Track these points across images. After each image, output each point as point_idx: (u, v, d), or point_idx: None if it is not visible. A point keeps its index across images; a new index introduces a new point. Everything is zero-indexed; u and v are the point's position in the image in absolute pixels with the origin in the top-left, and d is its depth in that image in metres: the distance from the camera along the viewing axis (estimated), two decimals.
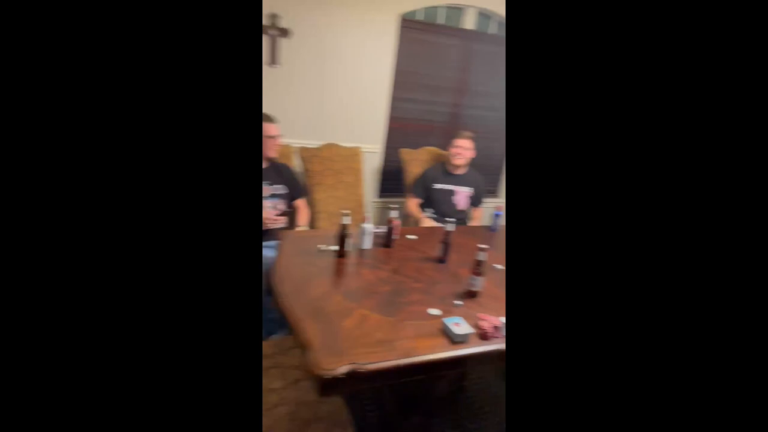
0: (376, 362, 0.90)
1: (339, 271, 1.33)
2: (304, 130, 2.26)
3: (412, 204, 2.11)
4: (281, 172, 1.78)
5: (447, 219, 1.57)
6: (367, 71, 2.31)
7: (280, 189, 1.76)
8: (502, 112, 2.75)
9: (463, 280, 1.30)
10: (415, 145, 2.44)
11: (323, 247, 1.45)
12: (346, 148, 2.28)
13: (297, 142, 2.18)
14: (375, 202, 2.58)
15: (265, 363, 1.18)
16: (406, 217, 2.19)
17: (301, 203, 1.84)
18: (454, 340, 1.01)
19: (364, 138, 2.42)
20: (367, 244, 1.49)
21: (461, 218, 2.11)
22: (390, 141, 2.51)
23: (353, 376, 0.87)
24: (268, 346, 1.25)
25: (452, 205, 2.11)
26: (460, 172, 2.10)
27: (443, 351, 0.97)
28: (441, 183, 2.10)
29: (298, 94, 2.20)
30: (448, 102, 2.62)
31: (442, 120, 2.65)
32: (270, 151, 1.67)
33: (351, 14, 2.17)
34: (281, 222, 1.72)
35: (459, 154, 2.05)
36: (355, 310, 1.09)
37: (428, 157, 2.41)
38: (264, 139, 1.64)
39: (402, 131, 2.55)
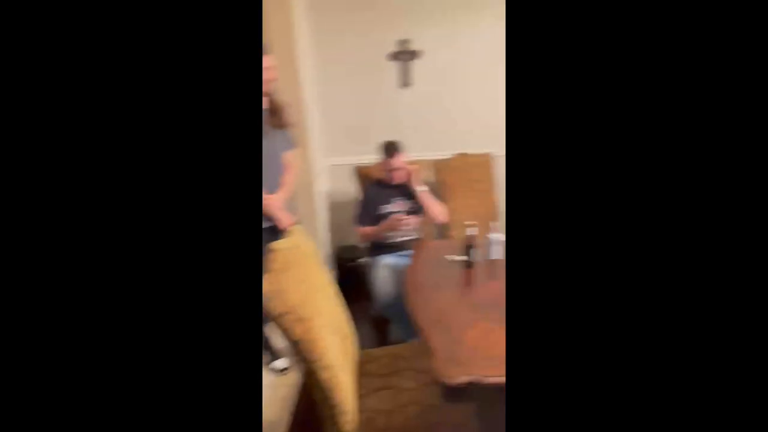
0: (498, 376, 0.89)
1: (466, 282, 1.36)
2: (437, 143, 2.37)
3: None
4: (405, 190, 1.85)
5: None
6: (491, 80, 2.27)
7: (408, 204, 1.85)
8: None
9: None
10: None
11: (451, 257, 1.49)
12: (476, 155, 2.28)
13: (431, 155, 2.30)
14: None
15: (400, 364, 1.29)
16: None
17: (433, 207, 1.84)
18: None
19: (493, 145, 2.36)
20: (496, 254, 1.47)
21: None
22: None
23: (475, 387, 0.89)
24: (405, 348, 1.37)
25: None
26: None
27: None
28: None
29: (430, 110, 2.32)
30: None
31: None
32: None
33: (473, 29, 2.18)
34: (412, 229, 1.83)
35: None
36: (479, 322, 1.10)
37: None
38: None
39: None
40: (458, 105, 2.33)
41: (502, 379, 0.89)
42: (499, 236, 1.47)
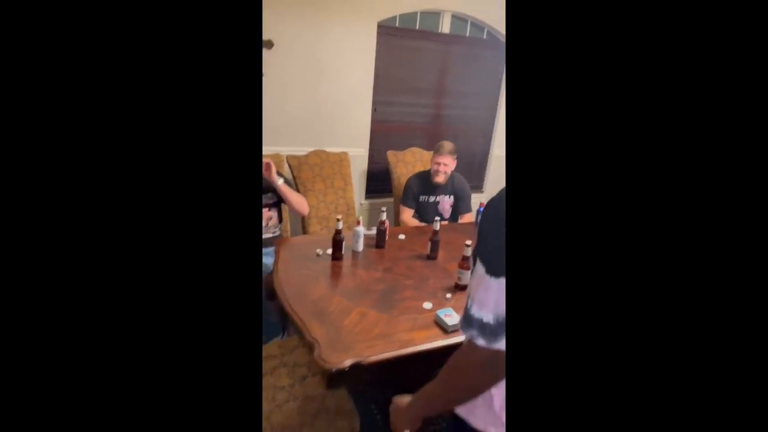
0: (377, 354, 0.99)
1: (336, 274, 1.42)
2: (292, 138, 2.33)
3: (407, 215, 2.14)
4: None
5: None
6: (350, 77, 2.38)
7: (270, 198, 1.80)
8: (480, 111, 2.86)
9: (452, 274, 1.40)
10: (400, 147, 2.52)
11: (320, 251, 1.52)
12: (333, 153, 2.36)
13: (285, 150, 2.24)
14: (363, 203, 2.66)
15: (272, 363, 1.25)
16: (397, 218, 2.27)
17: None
18: (448, 330, 1.10)
19: (350, 142, 2.49)
20: (360, 246, 1.58)
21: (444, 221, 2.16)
22: (375, 143, 2.59)
23: (357, 368, 0.96)
24: (273, 347, 1.33)
25: (438, 214, 2.14)
26: (442, 182, 2.11)
27: (438, 340, 1.06)
28: (426, 195, 2.14)
29: (284, 103, 2.26)
30: (429, 103, 2.71)
31: (424, 121, 2.74)
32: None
33: (331, 24, 2.24)
34: (272, 227, 1.78)
35: (439, 171, 2.06)
36: (354, 309, 1.17)
37: (414, 158, 2.50)
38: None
39: (386, 133, 2.63)
40: (316, 101, 2.35)
41: (381, 357, 0.99)
42: (362, 229, 1.58)
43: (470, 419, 0.65)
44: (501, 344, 0.53)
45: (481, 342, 0.54)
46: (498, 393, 0.61)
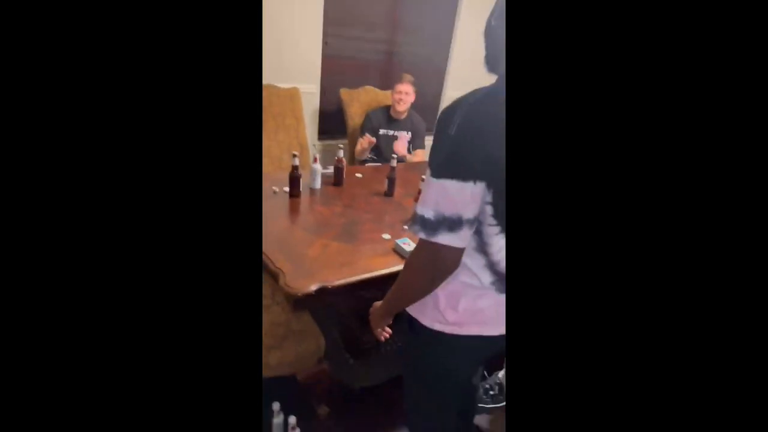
0: (342, 279, 1.05)
1: (295, 210, 1.42)
2: None
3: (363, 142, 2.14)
4: None
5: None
6: (298, 6, 2.20)
7: None
8: (433, 50, 2.81)
9: (409, 209, 1.47)
10: (353, 85, 2.44)
11: (276, 189, 1.51)
12: (283, 89, 2.23)
13: None
14: (316, 145, 2.60)
15: None
16: (352, 157, 2.26)
17: None
18: (405, 256, 1.19)
19: (301, 78, 2.36)
20: (318, 183, 1.58)
21: (401, 161, 2.20)
22: (326, 81, 2.48)
23: (323, 292, 1.02)
24: None
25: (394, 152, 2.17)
26: (402, 117, 2.14)
27: (397, 266, 1.15)
28: (385, 128, 2.15)
29: None
30: (382, 39, 2.61)
31: (377, 58, 2.65)
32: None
33: None
34: None
35: (401, 99, 2.06)
36: (316, 241, 1.21)
37: (368, 97, 2.45)
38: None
39: (338, 71, 2.52)
40: (267, 34, 2.16)
41: (344, 281, 1.05)
42: (319, 167, 1.57)
43: (420, 318, 0.73)
44: (440, 238, 0.61)
45: (422, 234, 0.62)
46: (443, 294, 0.70)
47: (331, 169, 1.67)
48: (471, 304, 0.69)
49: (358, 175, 1.80)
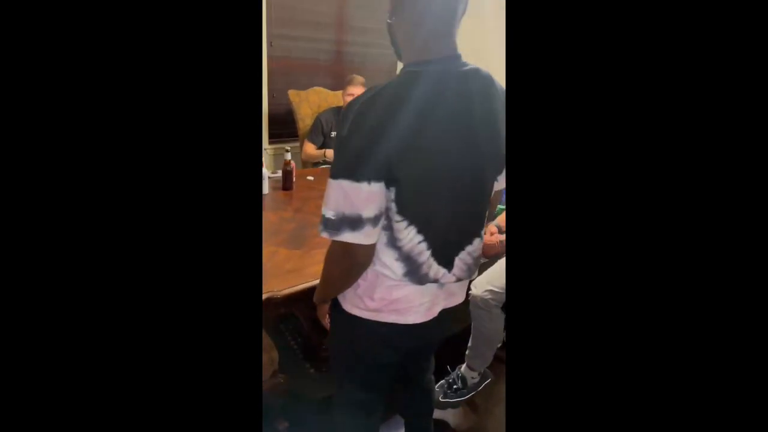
0: (289, 287, 1.00)
1: None
2: None
3: (310, 149, 2.10)
4: None
5: None
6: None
7: None
8: (383, 49, 2.81)
9: None
10: (302, 86, 2.38)
11: None
12: None
13: None
14: (267, 149, 2.51)
15: None
16: (303, 162, 2.21)
17: None
18: None
19: None
20: (266, 188, 1.51)
21: None
22: (273, 82, 2.40)
23: (270, 303, 0.96)
24: None
25: None
26: None
27: None
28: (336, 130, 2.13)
29: None
30: (330, 39, 2.57)
31: (327, 58, 2.60)
32: None
33: None
34: None
35: None
36: (263, 249, 1.15)
37: (318, 98, 2.40)
38: None
39: (285, 71, 2.45)
40: None
41: (292, 290, 1.01)
42: (266, 171, 1.51)
43: (342, 302, 0.77)
44: (344, 236, 0.63)
45: (325, 234, 0.64)
46: (362, 283, 0.72)
47: (280, 173, 1.61)
48: (386, 294, 0.71)
49: (310, 177, 1.74)
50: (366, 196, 0.61)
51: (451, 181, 0.66)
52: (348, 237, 0.63)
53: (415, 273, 0.70)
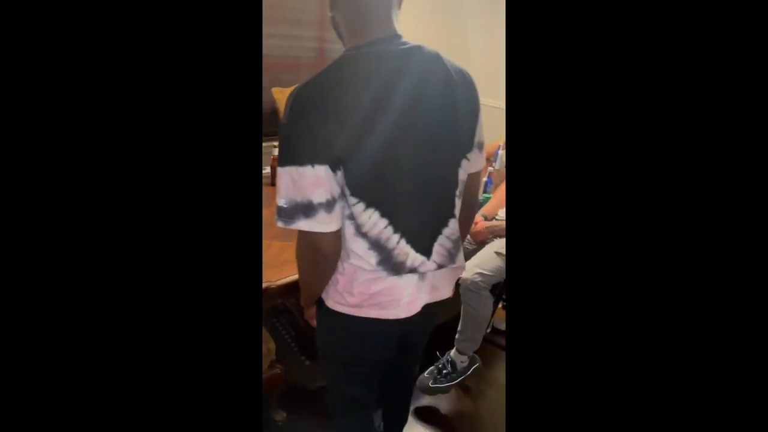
0: (285, 277, 1.02)
1: None
2: None
3: None
4: None
5: None
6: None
7: None
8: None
9: None
10: (285, 84, 2.39)
11: None
12: None
13: None
14: None
15: None
16: None
17: None
18: None
19: None
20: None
21: None
22: None
23: (267, 293, 0.99)
24: None
25: None
26: None
27: None
28: None
29: None
30: (312, 36, 2.57)
31: (309, 56, 2.61)
32: None
33: None
34: None
35: None
36: None
37: None
38: None
39: (268, 69, 2.44)
40: None
41: (287, 280, 1.03)
42: None
43: (326, 299, 0.77)
44: (298, 224, 0.64)
45: (280, 223, 0.65)
46: (341, 278, 0.72)
47: (268, 170, 1.62)
48: (365, 288, 0.71)
49: None
50: (313, 180, 0.61)
51: (403, 161, 0.65)
52: (303, 225, 0.63)
53: (388, 261, 0.69)
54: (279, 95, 2.33)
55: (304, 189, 0.62)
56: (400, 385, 1.02)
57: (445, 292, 0.80)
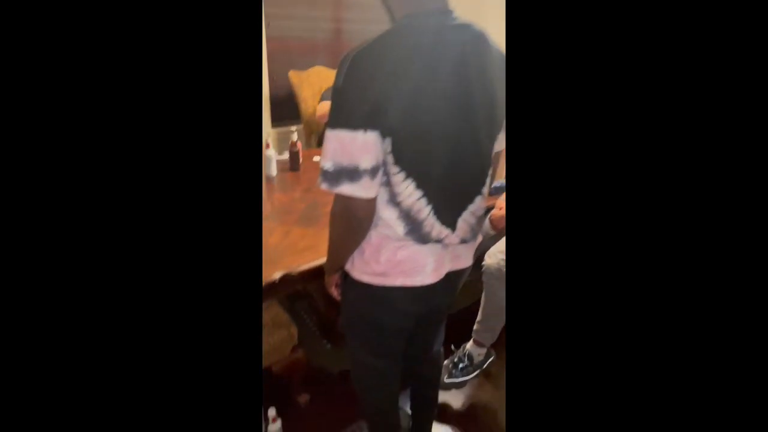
0: (306, 263, 1.02)
1: None
2: None
3: (326, 106, 2.04)
4: None
5: None
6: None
7: None
8: (384, 25, 2.75)
9: None
10: (302, 67, 2.35)
11: None
12: None
13: None
14: (270, 133, 2.50)
15: None
16: (308, 141, 2.20)
17: None
18: None
19: None
20: (273, 170, 1.52)
21: None
22: (273, 64, 2.37)
23: (288, 279, 0.99)
24: None
25: None
26: None
27: None
28: None
29: None
30: (328, 16, 2.51)
31: (325, 37, 2.55)
32: None
33: None
34: None
35: None
36: (276, 229, 1.17)
37: (319, 78, 2.36)
38: None
39: (284, 52, 2.41)
40: None
41: (308, 266, 1.02)
42: (273, 152, 1.51)
43: (351, 271, 0.77)
44: (342, 188, 0.63)
45: (324, 186, 0.65)
46: (367, 247, 0.73)
47: (287, 155, 1.61)
48: (392, 255, 0.72)
49: (316, 158, 1.74)
50: (362, 146, 0.61)
51: (446, 135, 0.66)
52: (347, 189, 0.63)
53: (417, 231, 0.70)
54: (296, 79, 2.29)
55: (352, 153, 0.61)
56: (428, 360, 1.02)
57: (467, 261, 0.82)
